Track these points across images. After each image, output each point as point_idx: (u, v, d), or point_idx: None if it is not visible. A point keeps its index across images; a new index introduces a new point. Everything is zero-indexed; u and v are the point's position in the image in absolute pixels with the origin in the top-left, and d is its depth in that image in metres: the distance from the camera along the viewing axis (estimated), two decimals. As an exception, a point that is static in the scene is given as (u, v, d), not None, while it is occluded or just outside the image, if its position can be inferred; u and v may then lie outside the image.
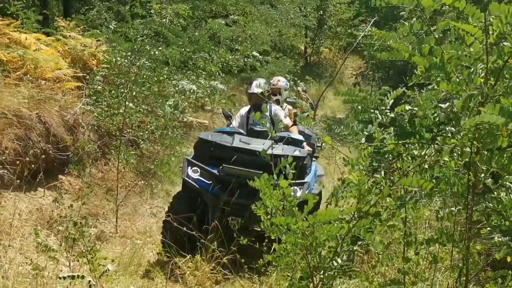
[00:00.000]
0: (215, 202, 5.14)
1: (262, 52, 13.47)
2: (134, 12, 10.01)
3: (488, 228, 3.12)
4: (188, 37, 10.65)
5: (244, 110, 6.45)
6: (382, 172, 3.10)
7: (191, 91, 9.76)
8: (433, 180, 2.90)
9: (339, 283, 3.92)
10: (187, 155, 6.61)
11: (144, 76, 7.49)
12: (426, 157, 2.84)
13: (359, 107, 3.12)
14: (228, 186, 5.08)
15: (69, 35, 8.56)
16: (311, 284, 2.67)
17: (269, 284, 4.58)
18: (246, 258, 4.39)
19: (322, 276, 2.63)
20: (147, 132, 7.99)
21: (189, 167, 5.34)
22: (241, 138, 5.54)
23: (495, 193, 2.92)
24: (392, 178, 2.97)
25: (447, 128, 2.77)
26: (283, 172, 2.89)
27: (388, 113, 3.04)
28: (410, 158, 2.99)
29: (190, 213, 5.16)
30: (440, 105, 3.01)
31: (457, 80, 2.62)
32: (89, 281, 2.67)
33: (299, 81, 11.33)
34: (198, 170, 5.31)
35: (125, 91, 6.93)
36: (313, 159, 6.41)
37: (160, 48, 8.03)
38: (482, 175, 2.82)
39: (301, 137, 5.93)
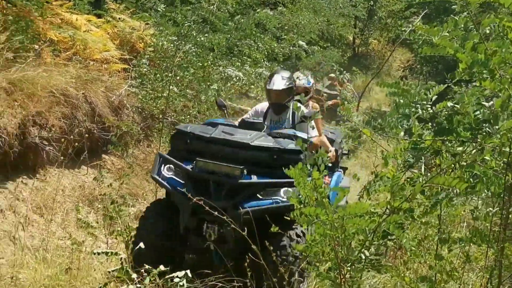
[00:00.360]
0: (185, 204, 4.16)
1: (309, 42, 13.35)
2: (184, -3, 10.08)
3: (526, 231, 3.05)
4: (235, 24, 10.66)
5: (262, 106, 5.47)
6: (422, 168, 3.06)
7: (237, 78, 9.78)
8: (471, 179, 2.85)
9: (370, 277, 3.91)
10: None
11: (189, 61, 7.57)
12: (464, 155, 2.79)
13: (401, 100, 3.09)
14: (203, 185, 4.24)
15: (119, 18, 8.72)
16: (339, 276, 2.68)
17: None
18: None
19: (349, 268, 2.63)
20: (189, 116, 8.08)
21: (163, 164, 4.50)
22: (224, 129, 4.62)
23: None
24: (429, 174, 2.92)
25: (487, 128, 2.71)
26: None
27: (429, 109, 3.00)
28: (449, 155, 2.93)
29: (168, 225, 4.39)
30: (483, 103, 2.94)
31: (500, 78, 2.55)
32: (121, 257, 2.75)
33: (344, 71, 11.21)
34: (173, 167, 4.46)
35: (170, 75, 7.04)
36: (339, 169, 5.74)
37: (206, 35, 8.08)
38: (523, 176, 2.75)
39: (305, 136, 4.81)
